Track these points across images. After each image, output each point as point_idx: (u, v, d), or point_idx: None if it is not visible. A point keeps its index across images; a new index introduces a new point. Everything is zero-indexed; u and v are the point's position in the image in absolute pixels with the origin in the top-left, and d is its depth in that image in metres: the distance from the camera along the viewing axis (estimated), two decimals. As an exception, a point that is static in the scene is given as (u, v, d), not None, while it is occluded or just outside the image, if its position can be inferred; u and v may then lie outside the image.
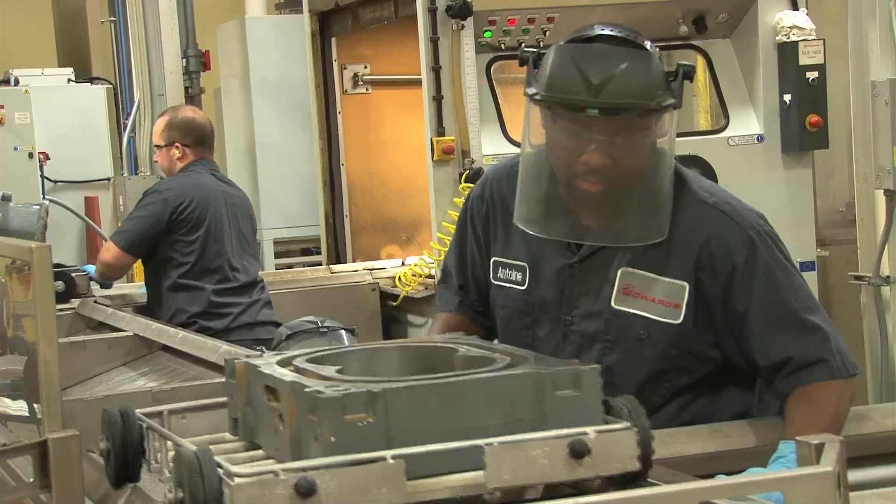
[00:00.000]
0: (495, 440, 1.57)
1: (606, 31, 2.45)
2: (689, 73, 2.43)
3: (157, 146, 5.45)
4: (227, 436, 1.91)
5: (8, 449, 1.88)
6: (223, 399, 1.97)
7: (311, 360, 1.83)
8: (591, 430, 1.61)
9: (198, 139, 5.40)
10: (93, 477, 1.99)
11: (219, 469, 1.54)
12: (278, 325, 5.29)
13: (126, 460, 1.91)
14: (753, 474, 1.58)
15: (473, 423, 1.63)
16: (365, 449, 1.55)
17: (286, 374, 1.74)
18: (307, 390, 1.61)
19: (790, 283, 2.53)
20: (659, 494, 1.47)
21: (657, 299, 2.53)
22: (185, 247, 5.20)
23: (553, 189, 2.48)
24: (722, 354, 2.58)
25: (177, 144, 5.36)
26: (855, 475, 2.07)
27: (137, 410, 1.94)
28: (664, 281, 2.52)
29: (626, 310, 2.55)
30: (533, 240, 2.61)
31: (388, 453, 1.53)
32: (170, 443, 1.85)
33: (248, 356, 1.90)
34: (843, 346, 2.52)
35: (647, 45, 2.46)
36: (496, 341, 2.34)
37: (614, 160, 2.40)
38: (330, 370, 1.76)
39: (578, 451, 1.59)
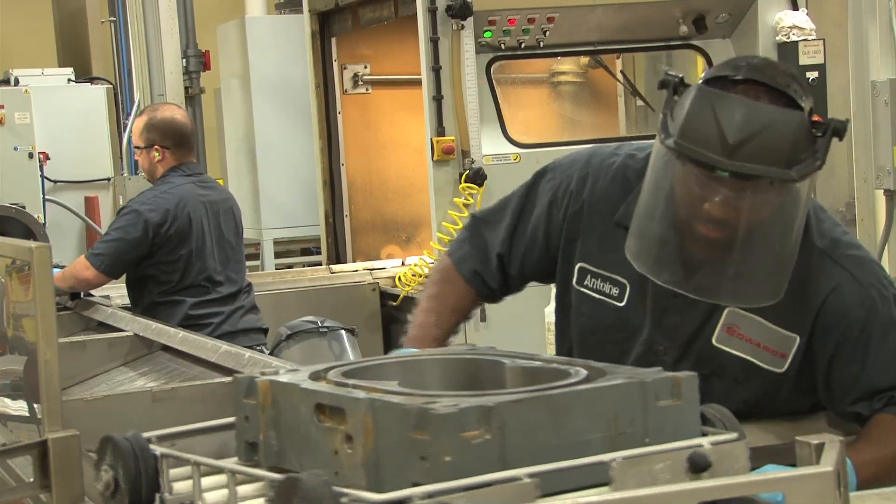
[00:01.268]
0: (621, 454, 1.51)
1: (753, 76, 2.23)
2: (840, 132, 2.24)
3: (137, 147, 5.27)
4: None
5: (8, 449, 1.88)
6: (226, 421, 1.85)
7: (346, 374, 1.75)
8: (706, 442, 1.57)
9: (178, 141, 5.20)
10: (93, 477, 1.99)
11: (342, 497, 1.44)
12: (263, 330, 5.23)
13: (140, 495, 1.72)
14: (754, 474, 1.58)
15: (579, 437, 1.56)
16: (481, 468, 1.46)
17: (353, 390, 1.63)
18: (408, 407, 1.51)
19: None
20: (659, 494, 1.47)
21: (763, 345, 2.43)
22: (167, 266, 5.04)
23: (672, 233, 2.32)
24: (812, 400, 2.50)
25: (156, 147, 5.17)
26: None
27: (146, 434, 1.77)
28: (775, 329, 2.42)
29: (727, 349, 2.45)
30: None
31: (520, 472, 1.45)
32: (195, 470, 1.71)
33: (262, 373, 1.78)
34: None
35: (797, 91, 2.25)
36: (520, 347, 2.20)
37: (740, 216, 2.23)
38: (391, 384, 1.67)
39: (698, 465, 1.54)
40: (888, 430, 2.38)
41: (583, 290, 2.57)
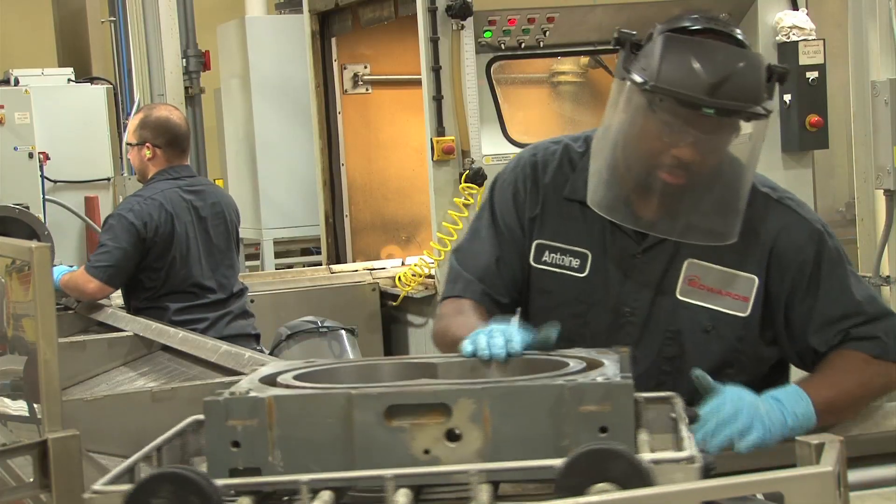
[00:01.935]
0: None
1: (710, 26, 2.45)
2: (783, 77, 2.41)
3: (130, 144, 5.25)
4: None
5: (8, 449, 1.88)
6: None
7: (298, 378, 1.75)
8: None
9: (170, 140, 5.18)
10: (93, 477, 1.99)
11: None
12: (253, 336, 5.18)
13: None
14: (753, 474, 1.58)
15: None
16: None
17: (445, 383, 1.67)
18: (550, 385, 1.62)
19: (854, 275, 2.58)
20: (659, 494, 1.47)
21: (724, 291, 2.54)
22: (151, 273, 5.02)
23: (634, 177, 2.45)
24: (777, 352, 2.60)
25: (147, 144, 5.16)
26: (855, 475, 2.07)
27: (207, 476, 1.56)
28: (733, 273, 2.54)
29: (692, 301, 2.55)
30: (595, 227, 2.58)
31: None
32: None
33: (232, 392, 1.67)
34: None
35: (744, 38, 2.46)
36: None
37: (704, 157, 2.39)
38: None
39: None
40: (844, 365, 2.50)
41: (541, 266, 2.64)
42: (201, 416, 1.76)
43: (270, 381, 1.76)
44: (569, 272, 2.61)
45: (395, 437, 1.60)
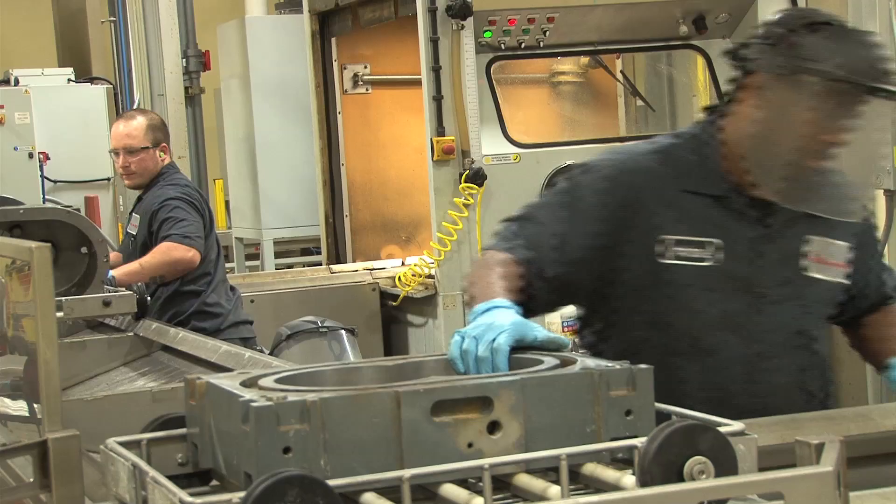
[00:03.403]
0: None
1: (838, 20, 2.64)
2: None
3: (144, 147, 5.27)
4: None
5: (8, 449, 1.88)
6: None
7: (280, 381, 1.75)
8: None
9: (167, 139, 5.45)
10: (93, 477, 1.99)
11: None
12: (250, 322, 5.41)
13: None
14: (752, 474, 1.58)
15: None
16: None
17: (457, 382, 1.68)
18: (580, 373, 1.69)
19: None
20: (659, 494, 1.47)
21: (835, 262, 2.74)
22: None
23: (799, 161, 2.59)
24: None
25: (163, 145, 5.30)
26: (855, 475, 2.07)
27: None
28: (839, 245, 2.74)
29: (816, 275, 2.72)
30: (717, 215, 2.66)
31: None
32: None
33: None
34: None
35: None
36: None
37: (873, 132, 2.63)
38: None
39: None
40: None
41: (671, 262, 2.67)
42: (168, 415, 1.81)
43: (251, 384, 1.75)
44: (699, 263, 2.67)
45: (443, 433, 1.62)
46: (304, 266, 7.93)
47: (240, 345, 4.61)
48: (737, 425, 1.64)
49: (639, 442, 1.59)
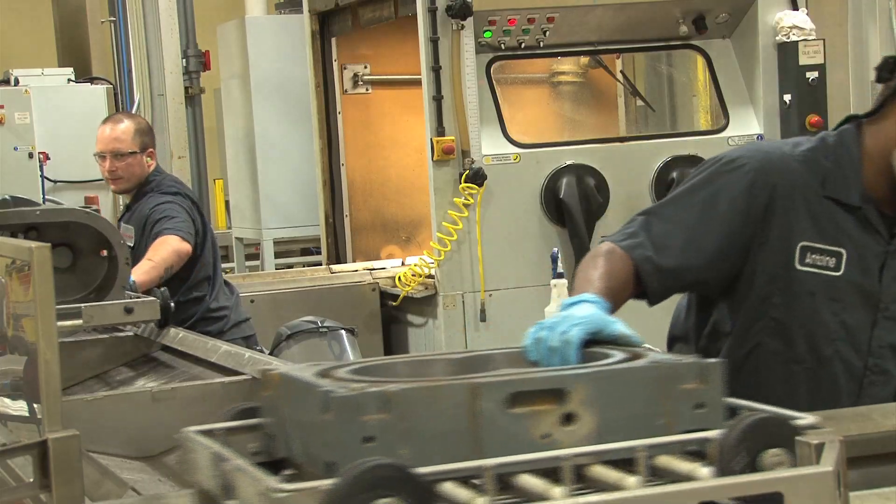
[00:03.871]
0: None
1: None
2: None
3: (132, 152, 5.18)
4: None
5: (8, 449, 1.88)
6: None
7: (355, 372, 1.76)
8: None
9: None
10: (93, 477, 1.99)
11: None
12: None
13: None
14: (752, 474, 1.58)
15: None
16: None
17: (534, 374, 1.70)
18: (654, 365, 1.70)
19: None
20: (659, 494, 1.47)
21: None
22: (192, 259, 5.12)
23: None
24: None
25: (150, 150, 5.22)
26: (855, 475, 2.07)
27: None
28: None
29: None
30: (848, 225, 2.65)
31: None
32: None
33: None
34: None
35: None
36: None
37: None
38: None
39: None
40: None
41: (805, 269, 2.66)
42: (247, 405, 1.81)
43: (325, 375, 1.77)
44: (826, 272, 2.66)
45: (519, 424, 1.63)
46: (304, 266, 7.93)
47: (242, 344, 4.61)
48: (810, 418, 1.64)
49: (713, 434, 1.60)
